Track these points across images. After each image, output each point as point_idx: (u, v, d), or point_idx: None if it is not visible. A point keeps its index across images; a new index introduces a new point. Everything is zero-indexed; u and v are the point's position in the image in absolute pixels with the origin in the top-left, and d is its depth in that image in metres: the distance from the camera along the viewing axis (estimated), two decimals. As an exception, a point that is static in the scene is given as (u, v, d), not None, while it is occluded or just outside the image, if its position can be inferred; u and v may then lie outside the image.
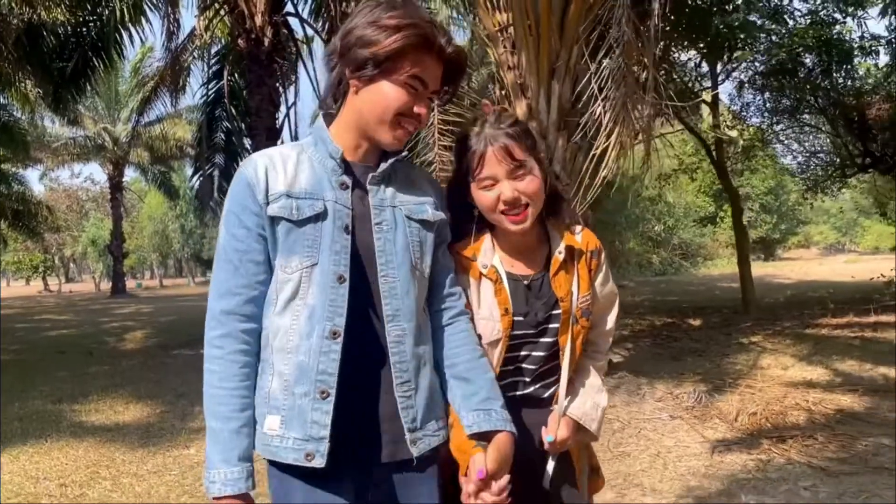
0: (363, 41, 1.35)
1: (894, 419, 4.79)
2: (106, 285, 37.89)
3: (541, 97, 5.45)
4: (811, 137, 14.50)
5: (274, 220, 1.38)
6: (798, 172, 15.62)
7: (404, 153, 1.48)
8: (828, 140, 13.77)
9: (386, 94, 1.38)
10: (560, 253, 1.64)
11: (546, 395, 1.66)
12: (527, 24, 5.24)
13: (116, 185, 30.21)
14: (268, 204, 1.38)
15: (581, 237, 1.67)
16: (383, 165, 1.45)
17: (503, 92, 5.75)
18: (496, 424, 1.43)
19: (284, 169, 1.41)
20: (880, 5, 8.41)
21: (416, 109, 1.40)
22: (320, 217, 1.39)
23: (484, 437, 1.43)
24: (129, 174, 34.84)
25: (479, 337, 1.58)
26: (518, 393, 1.63)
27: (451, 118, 5.29)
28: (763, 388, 5.79)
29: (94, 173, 56.01)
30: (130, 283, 38.38)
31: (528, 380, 1.64)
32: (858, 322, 9.86)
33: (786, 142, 14.20)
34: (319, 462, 1.34)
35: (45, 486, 4.23)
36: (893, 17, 8.52)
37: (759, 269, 30.61)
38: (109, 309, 20.64)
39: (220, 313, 1.39)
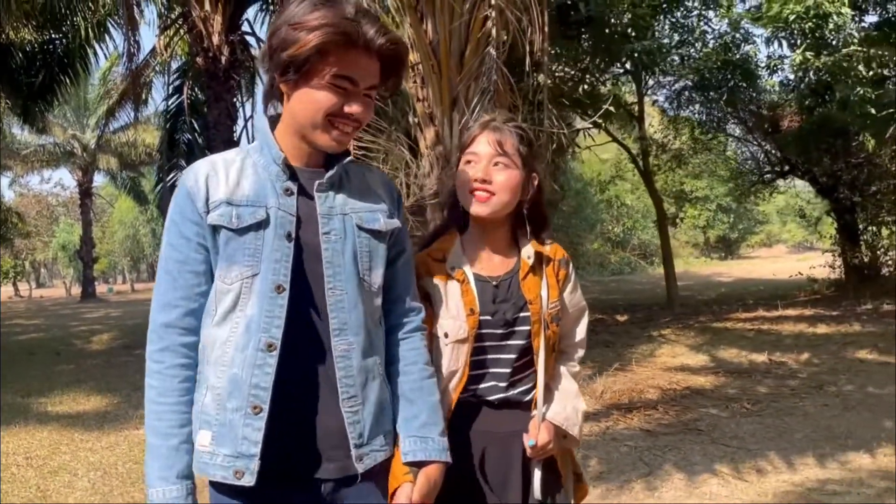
0: (284, 43, 1.31)
1: (731, 394, 5.77)
2: (77, 290, 38.16)
3: (445, 125, 6.34)
4: (739, 146, 15.55)
5: (215, 229, 1.34)
6: (728, 179, 16.73)
7: (350, 157, 1.45)
8: (750, 148, 14.83)
9: (311, 98, 1.33)
10: (529, 258, 1.68)
11: (526, 399, 1.67)
12: (430, 63, 6.12)
13: (86, 192, 30.55)
14: (208, 212, 1.34)
15: (549, 247, 1.73)
16: (331, 171, 1.40)
17: (416, 119, 6.63)
18: (431, 454, 1.43)
19: (227, 175, 1.37)
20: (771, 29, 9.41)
21: (346, 109, 1.34)
22: (262, 225, 1.34)
23: (418, 465, 1.43)
24: (99, 179, 35.24)
25: (445, 335, 1.61)
26: (495, 397, 1.65)
27: (365, 143, 6.15)
28: (639, 372, 6.75)
29: (64, 178, 55.41)
30: (101, 288, 38.67)
31: (503, 384, 1.65)
32: (764, 316, 10.90)
33: (714, 151, 15.24)
34: (249, 480, 1.30)
35: (13, 458, 5.04)
36: (778, 42, 9.51)
37: (712, 267, 31.99)
38: (79, 313, 21.24)
39: (160, 326, 1.35)
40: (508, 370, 1.65)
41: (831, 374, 6.34)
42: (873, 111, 8.74)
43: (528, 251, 1.69)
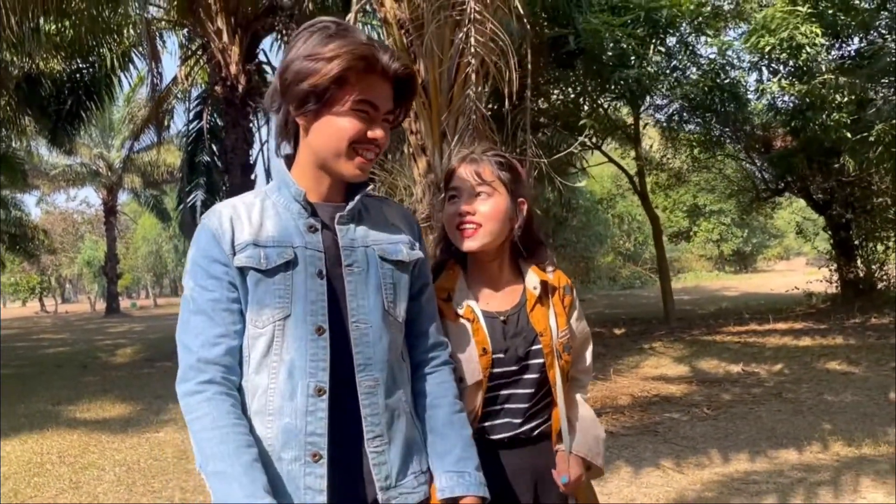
0: (301, 75, 1.30)
1: (695, 401, 6.28)
2: (101, 305, 39.19)
3: (436, 155, 6.96)
4: (738, 165, 16.01)
5: (242, 271, 1.31)
6: (726, 197, 17.21)
7: (370, 187, 1.43)
8: (746, 166, 15.30)
9: (335, 126, 1.32)
10: (535, 288, 1.65)
11: (535, 433, 1.63)
12: (422, 100, 6.76)
13: (110, 209, 31.60)
14: (234, 254, 1.31)
15: (553, 275, 1.69)
16: (351, 203, 1.38)
17: (410, 150, 7.27)
18: (469, 489, 1.40)
19: (249, 217, 1.35)
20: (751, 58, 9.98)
21: (370, 135, 1.33)
22: (290, 265, 1.31)
23: (454, 502, 1.40)
24: (123, 197, 36.30)
25: (461, 380, 1.55)
26: (505, 435, 1.61)
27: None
28: (618, 381, 7.28)
29: (90, 196, 56.67)
30: (125, 303, 39.67)
31: (517, 420, 1.62)
32: (755, 330, 11.33)
33: (713, 170, 15.73)
34: None
35: (48, 457, 5.70)
36: (759, 71, 10.08)
37: (723, 281, 32.27)
38: (103, 328, 22.10)
39: (199, 361, 1.28)
40: (525, 406, 1.62)
41: (795, 383, 6.83)
42: (849, 135, 9.24)
43: (534, 281, 1.66)
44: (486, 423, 1.59)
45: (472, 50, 5.83)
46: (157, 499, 4.47)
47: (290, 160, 1.42)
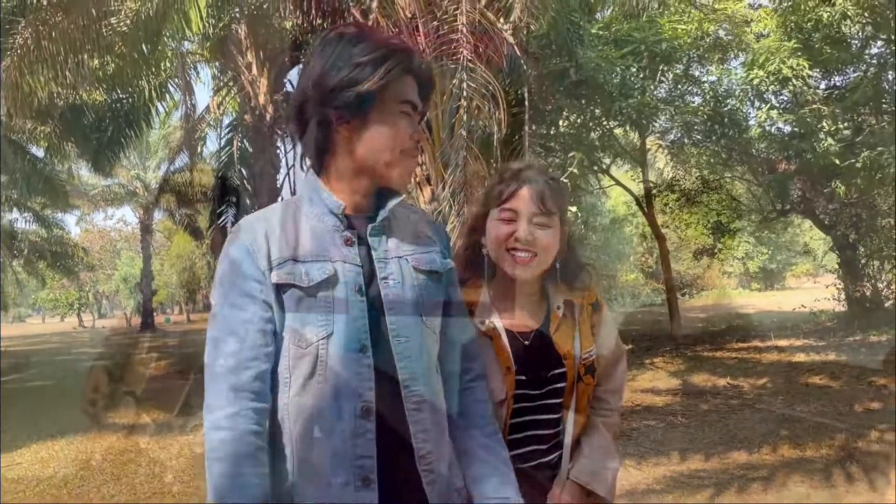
0: (345, 83, 1.25)
1: (674, 410, 6.84)
2: (136, 320, 40.37)
3: (439, 186, 7.65)
4: (745, 186, 16.48)
5: (280, 289, 1.26)
6: (736, 217, 17.66)
7: (401, 197, 1.38)
8: (751, 188, 15.78)
9: (387, 132, 1.30)
10: (559, 308, 1.60)
11: (559, 461, 1.59)
12: (425, 136, 7.47)
13: (146, 228, 32.84)
14: (271, 270, 1.26)
15: (579, 293, 1.64)
16: (382, 213, 1.34)
17: (416, 180, 7.97)
18: None
19: (284, 231, 1.30)
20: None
21: (415, 136, 1.33)
22: (331, 281, 1.27)
23: None
24: (158, 216, 37.55)
25: None
26: (534, 462, 1.57)
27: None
28: (608, 393, 7.85)
29: (126, 214, 58.28)
30: (159, 318, 40.88)
31: (545, 447, 1.58)
32: (756, 346, 11.76)
33: (721, 192, 16.21)
34: None
35: (92, 455, 6.48)
36: (751, 101, 10.64)
37: (745, 298, 32.39)
38: (139, 342, 23.12)
39: (229, 390, 1.23)
40: (551, 432, 1.59)
41: (771, 396, 7.34)
42: (837, 162, 9.74)
43: (558, 301, 1.62)
44: (514, 452, 1.50)
45: (465, 94, 6.56)
46: (186, 488, 5.18)
47: (320, 170, 1.37)
